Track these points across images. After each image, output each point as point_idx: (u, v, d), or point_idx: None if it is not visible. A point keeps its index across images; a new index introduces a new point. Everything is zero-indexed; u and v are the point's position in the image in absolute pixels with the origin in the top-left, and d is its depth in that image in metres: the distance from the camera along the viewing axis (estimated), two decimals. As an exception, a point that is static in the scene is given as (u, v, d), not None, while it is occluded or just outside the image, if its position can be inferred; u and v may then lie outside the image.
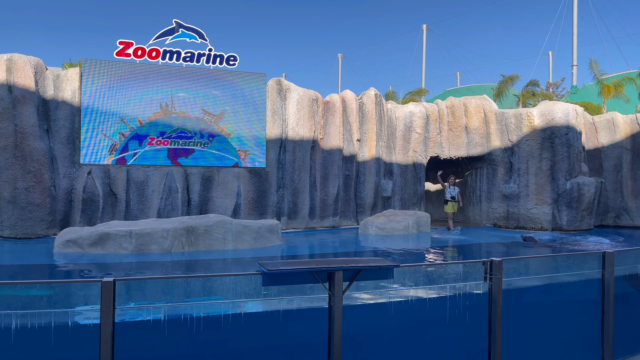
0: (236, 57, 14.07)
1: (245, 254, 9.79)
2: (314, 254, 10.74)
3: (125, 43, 13.07)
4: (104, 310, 3.49)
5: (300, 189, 14.51)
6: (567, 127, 15.05)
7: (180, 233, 9.90)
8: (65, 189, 12.43)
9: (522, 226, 15.55)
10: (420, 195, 16.59)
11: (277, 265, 3.92)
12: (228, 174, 13.86)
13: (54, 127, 12.45)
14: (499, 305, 4.50)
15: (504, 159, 16.10)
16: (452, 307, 4.76)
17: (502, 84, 23.52)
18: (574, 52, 33.71)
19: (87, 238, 9.48)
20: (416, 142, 16.31)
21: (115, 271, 8.10)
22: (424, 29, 45.13)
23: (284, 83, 14.71)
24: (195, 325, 4.17)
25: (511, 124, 15.87)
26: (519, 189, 15.71)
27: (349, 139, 15.41)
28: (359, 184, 15.63)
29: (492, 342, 4.50)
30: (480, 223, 16.60)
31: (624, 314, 5.46)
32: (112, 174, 12.84)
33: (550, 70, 40.72)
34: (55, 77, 12.61)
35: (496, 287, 4.50)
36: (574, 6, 34.01)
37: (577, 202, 14.87)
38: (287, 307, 4.56)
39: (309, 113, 14.59)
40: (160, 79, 13.44)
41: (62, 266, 8.74)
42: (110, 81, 12.98)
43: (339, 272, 3.90)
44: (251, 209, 13.98)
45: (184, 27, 13.81)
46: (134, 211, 12.90)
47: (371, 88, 15.99)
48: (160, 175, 13.19)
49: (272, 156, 14.33)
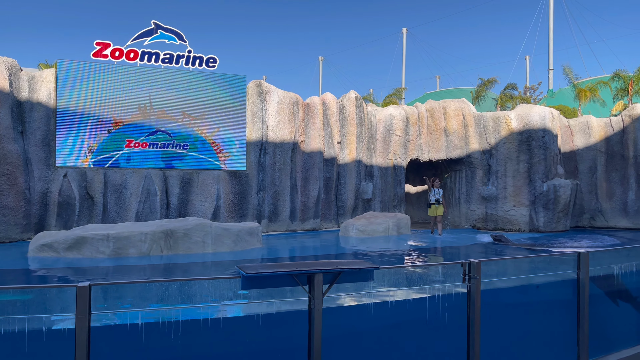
0: (216, 59, 13.98)
1: (225, 257, 9.71)
2: (295, 257, 10.71)
3: (103, 44, 12.88)
4: (79, 315, 3.42)
5: (281, 192, 14.47)
6: (543, 130, 15.32)
7: (159, 236, 9.77)
8: (41, 192, 12.17)
9: (500, 227, 15.76)
10: (400, 197, 16.69)
11: (256, 268, 3.89)
12: (208, 177, 13.75)
13: (28, 129, 12.19)
14: (478, 306, 4.54)
15: (482, 161, 16.30)
16: (432, 308, 4.79)
17: (481, 87, 23.85)
18: (550, 57, 34.40)
19: (63, 242, 9.29)
20: (396, 144, 16.42)
21: (92, 275, 7.95)
22: (404, 32, 45.54)
23: (264, 85, 14.66)
24: (174, 330, 4.11)
25: (489, 127, 16.10)
26: (497, 191, 15.93)
27: (329, 141, 15.43)
28: (340, 186, 15.65)
29: (471, 342, 4.54)
30: (459, 225, 16.78)
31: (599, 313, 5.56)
32: (89, 177, 12.62)
33: (528, 74, 41.46)
34: (30, 78, 12.35)
35: (474, 288, 4.54)
36: (550, 11, 34.71)
37: (554, 204, 15.13)
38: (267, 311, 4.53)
39: (290, 115, 14.57)
40: (138, 81, 13.28)
41: (37, 271, 8.55)
42: (87, 82, 12.77)
43: (319, 274, 3.89)
44: (231, 212, 13.89)
45: (162, 29, 13.67)
46: (112, 214, 12.70)
47: (351, 91, 16.05)
48: (139, 177, 13.01)
49: (253, 159, 14.27)
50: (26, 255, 9.44)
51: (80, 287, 3.43)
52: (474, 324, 4.54)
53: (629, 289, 6.03)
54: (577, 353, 5.21)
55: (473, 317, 4.54)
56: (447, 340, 4.80)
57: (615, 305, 6.01)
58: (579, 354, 5.20)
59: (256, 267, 3.96)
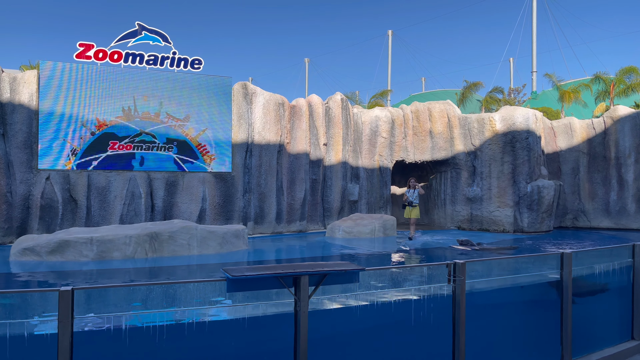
0: (201, 61, 13.91)
1: (211, 260, 9.65)
2: (281, 259, 10.69)
3: (86, 45, 12.74)
4: (61, 320, 3.38)
5: (267, 194, 14.43)
6: (527, 131, 15.50)
7: (144, 239, 9.68)
8: (22, 195, 11.98)
9: (485, 228, 15.90)
10: (386, 198, 16.75)
11: (242, 271, 3.88)
12: (193, 179, 13.66)
13: (10, 132, 12.00)
14: (463, 307, 4.57)
15: (467, 162, 16.44)
16: (417, 309, 4.81)
17: (466, 89, 24.07)
18: (533, 59, 34.84)
19: (45, 246, 9.16)
20: (382, 146, 16.48)
21: (75, 279, 7.85)
22: (390, 34, 45.76)
23: (250, 87, 14.62)
24: (158, 334, 4.08)
25: (474, 129, 16.24)
26: (482, 192, 16.08)
27: (315, 143, 15.43)
28: (326, 188, 15.66)
29: (456, 342, 4.57)
30: (444, 226, 16.89)
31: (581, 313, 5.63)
32: (72, 180, 12.47)
33: (512, 76, 41.93)
34: (11, 80, 12.16)
35: (459, 289, 4.57)
36: (534, 15, 35.17)
37: (538, 205, 15.31)
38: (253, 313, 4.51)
39: (276, 117, 14.54)
40: (122, 82, 13.15)
41: (19, 275, 8.41)
42: (70, 84, 12.61)
43: (305, 276, 3.89)
44: (217, 214, 13.81)
45: (147, 30, 13.57)
46: (95, 217, 12.55)
47: (337, 93, 16.08)
48: (123, 180, 12.88)
49: (238, 160, 14.21)
50: (8, 259, 9.29)
51: (63, 291, 3.38)
52: (459, 324, 4.57)
53: (610, 288, 6.12)
54: (561, 352, 5.27)
55: (458, 318, 4.57)
56: (433, 341, 4.82)
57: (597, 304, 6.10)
58: (563, 353, 5.26)
59: (242, 269, 3.95)
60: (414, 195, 13.14)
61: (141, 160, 13.19)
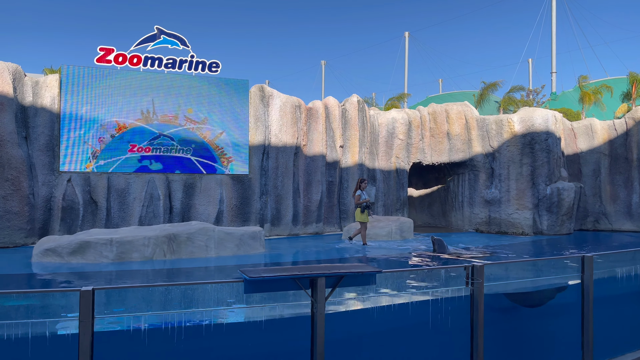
0: (218, 64, 14.03)
1: (228, 262, 9.71)
2: (297, 261, 10.70)
3: (106, 49, 12.94)
4: (82, 319, 3.43)
5: (284, 196, 14.48)
6: (546, 132, 15.30)
7: (162, 241, 9.78)
8: (45, 197, 12.21)
9: (503, 231, 15.72)
10: (403, 200, 16.67)
11: (259, 272, 3.90)
12: (211, 181, 13.77)
13: (32, 134, 12.25)
14: (481, 309, 4.53)
15: (485, 164, 16.28)
16: (435, 311, 4.78)
17: (484, 90, 23.82)
18: (553, 60, 34.36)
19: (67, 247, 9.31)
20: (399, 148, 16.41)
21: (95, 280, 7.96)
22: (406, 36, 45.55)
23: (267, 90, 14.70)
24: (177, 335, 4.12)
25: (492, 130, 16.08)
26: (500, 194, 15.90)
27: (332, 145, 15.44)
28: (342, 190, 15.65)
29: (475, 346, 4.53)
30: (462, 228, 16.74)
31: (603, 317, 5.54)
32: (93, 182, 12.66)
33: (530, 77, 41.41)
34: (34, 84, 12.42)
35: (478, 291, 4.53)
36: (553, 14, 34.70)
37: (557, 207, 15.09)
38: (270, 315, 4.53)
39: (292, 119, 14.59)
40: (141, 86, 13.33)
41: (41, 275, 8.57)
42: (90, 88, 12.83)
43: (322, 278, 3.89)
44: (234, 216, 13.90)
45: (165, 34, 13.74)
46: (115, 219, 12.72)
47: (354, 95, 16.07)
48: (142, 182, 13.04)
49: (255, 163, 14.29)
50: (30, 260, 9.47)
51: (84, 291, 3.43)
52: (477, 326, 4.52)
53: (632, 292, 6.00)
54: (582, 357, 5.18)
55: (476, 320, 4.52)
56: (451, 344, 4.79)
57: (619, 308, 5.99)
58: (584, 357, 5.17)
59: (259, 271, 3.97)
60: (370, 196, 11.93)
61: (160, 162, 13.34)
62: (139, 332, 4.13)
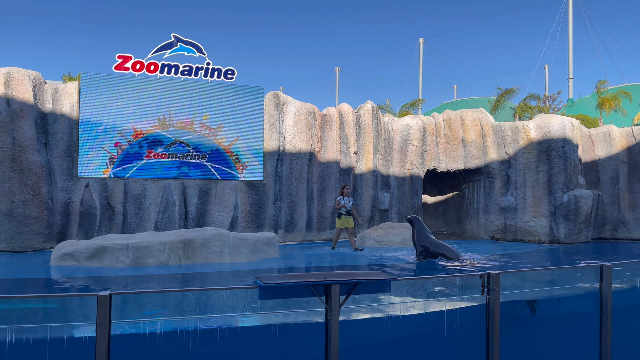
0: (234, 71, 14.15)
1: (242, 267, 9.75)
2: (311, 267, 10.70)
3: (124, 57, 13.14)
4: (99, 324, 3.47)
5: (298, 202, 14.51)
6: (563, 139, 15.13)
7: (177, 246, 9.87)
8: (63, 202, 12.40)
9: (519, 239, 15.55)
10: (417, 207, 16.60)
11: (273, 278, 3.91)
12: (225, 187, 13.86)
13: (52, 141, 12.46)
14: (497, 318, 4.49)
15: (500, 171, 16.15)
16: (450, 320, 4.74)
17: (500, 97, 23.64)
18: (569, 66, 34.00)
19: (84, 251, 9.44)
20: (413, 154, 16.36)
21: (112, 285, 8.06)
22: (421, 42, 45.47)
23: (282, 96, 14.78)
24: (192, 339, 4.15)
25: (508, 137, 15.95)
26: (516, 201, 15.74)
27: (346, 151, 15.45)
28: (356, 196, 15.63)
29: (490, 355, 4.48)
30: (477, 236, 16.60)
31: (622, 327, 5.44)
32: (110, 187, 12.83)
33: (547, 84, 41.02)
34: (54, 91, 12.65)
35: (494, 300, 4.49)
36: (570, 20, 34.39)
37: (575, 215, 14.89)
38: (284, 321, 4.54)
39: (306, 126, 14.65)
40: (158, 92, 13.50)
41: (59, 280, 8.70)
42: (108, 94, 13.03)
43: (336, 285, 3.89)
44: (248, 222, 13.96)
45: (182, 41, 13.91)
46: (131, 224, 12.86)
47: (368, 101, 16.08)
48: (158, 188, 13.18)
49: (270, 169, 14.35)
50: (48, 264, 9.62)
51: (101, 296, 3.48)
52: (493, 336, 4.48)
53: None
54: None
55: (492, 330, 4.48)
56: (466, 353, 4.75)
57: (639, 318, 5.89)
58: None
59: (273, 277, 3.98)
60: (349, 203, 12.12)
61: (175, 168, 13.48)
62: (155, 337, 4.17)
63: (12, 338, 3.95)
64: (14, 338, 3.95)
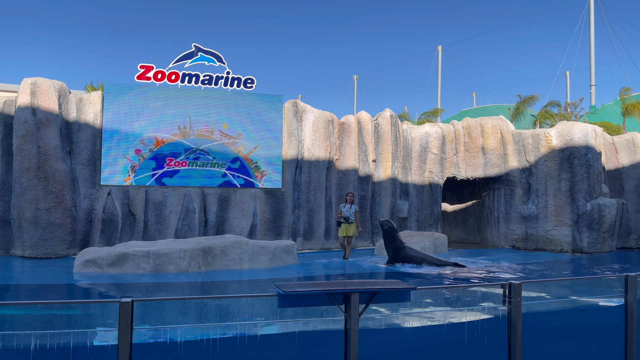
0: (253, 80, 14.29)
1: (261, 275, 9.79)
2: (330, 275, 10.68)
3: (146, 67, 13.38)
4: (121, 330, 3.52)
5: (316, 210, 14.52)
6: (586, 147, 14.88)
7: (197, 253, 9.95)
8: (86, 210, 12.62)
9: (541, 248, 15.30)
10: (437, 216, 16.47)
11: (293, 286, 3.92)
12: (245, 195, 13.95)
13: (76, 149, 12.72)
14: (519, 329, 4.42)
15: (521, 179, 15.94)
16: (471, 330, 4.69)
17: (520, 104, 23.41)
18: (592, 72, 33.49)
19: (106, 258, 9.59)
20: (432, 162, 16.26)
21: (133, 291, 8.16)
22: (439, 50, 45.33)
23: (300, 105, 14.86)
24: (212, 347, 4.17)
25: (529, 145, 15.75)
26: (538, 210, 15.51)
27: (364, 159, 15.44)
28: (375, 204, 15.58)
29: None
30: (498, 244, 16.38)
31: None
32: (131, 195, 13.02)
33: (568, 90, 40.47)
34: (78, 101, 12.93)
35: (515, 310, 4.43)
36: (591, 26, 33.93)
37: (598, 224, 14.60)
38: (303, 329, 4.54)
39: (325, 134, 14.68)
40: (179, 101, 13.69)
41: (81, 286, 8.84)
42: (130, 104, 13.27)
43: (355, 294, 3.88)
44: (267, 230, 14.02)
45: (203, 51, 14.10)
46: (152, 231, 13.02)
47: (387, 109, 16.06)
48: (178, 195, 13.33)
49: (288, 177, 14.41)
50: (72, 270, 9.78)
51: (123, 302, 3.54)
52: (515, 347, 4.42)
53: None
54: (626, 381, 4.98)
55: (514, 341, 4.41)
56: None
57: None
58: (628, 382, 4.97)
59: (293, 285, 3.99)
60: (350, 210, 11.86)
61: (195, 176, 13.62)
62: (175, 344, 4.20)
63: (37, 344, 4.02)
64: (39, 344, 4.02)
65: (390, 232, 11.23)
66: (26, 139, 11.91)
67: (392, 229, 11.26)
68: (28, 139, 11.92)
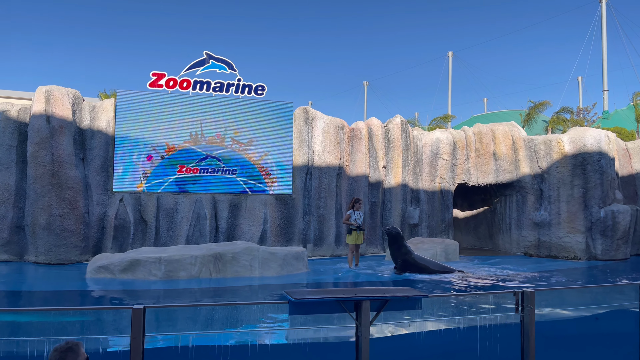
0: (264, 87, 14.37)
1: (272, 281, 9.79)
2: (340, 282, 10.66)
3: (158, 74, 13.52)
4: (134, 337, 3.55)
5: (326, 216, 14.52)
6: (599, 153, 14.73)
7: (208, 260, 9.99)
8: (98, 216, 12.74)
9: (554, 255, 15.14)
10: (448, 222, 16.38)
11: (303, 294, 3.93)
12: (255, 201, 13.99)
13: (89, 156, 12.86)
14: (532, 338, 4.38)
15: (533, 186, 15.81)
16: (483, 338, 4.65)
17: (532, 109, 23.27)
18: (604, 77, 33.22)
19: (118, 264, 9.66)
20: (443, 168, 16.20)
21: (145, 298, 8.20)
22: (450, 55, 45.26)
23: (311, 111, 14.90)
24: (222, 354, 4.18)
25: (540, 151, 15.64)
26: (550, 216, 15.36)
27: (374, 165, 15.42)
28: (385, 211, 15.54)
29: (525, 376, 4.37)
30: (510, 251, 16.24)
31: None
32: (143, 201, 13.12)
33: (580, 96, 40.14)
34: (91, 108, 13.09)
35: (528, 318, 4.39)
36: (603, 31, 33.69)
37: (612, 231, 14.43)
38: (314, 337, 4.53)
39: (335, 140, 14.70)
40: (190, 108, 13.81)
41: (94, 292, 8.91)
42: (143, 111, 13.40)
43: (366, 302, 3.87)
44: (277, 236, 14.03)
45: (214, 58, 14.22)
46: (164, 238, 13.10)
47: (397, 115, 16.05)
48: (189, 202, 13.41)
49: (299, 183, 14.43)
50: (84, 276, 9.87)
51: (135, 309, 3.56)
52: (528, 356, 4.37)
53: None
54: (642, 391, 4.90)
55: (527, 350, 4.37)
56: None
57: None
58: (644, 392, 4.89)
59: (303, 292, 4.00)
60: (360, 217, 11.65)
61: (207, 183, 13.70)
62: (187, 350, 4.22)
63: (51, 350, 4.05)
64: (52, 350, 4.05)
65: (397, 239, 11.17)
66: (40, 146, 12.07)
67: (399, 235, 11.21)
68: (42, 146, 12.07)
